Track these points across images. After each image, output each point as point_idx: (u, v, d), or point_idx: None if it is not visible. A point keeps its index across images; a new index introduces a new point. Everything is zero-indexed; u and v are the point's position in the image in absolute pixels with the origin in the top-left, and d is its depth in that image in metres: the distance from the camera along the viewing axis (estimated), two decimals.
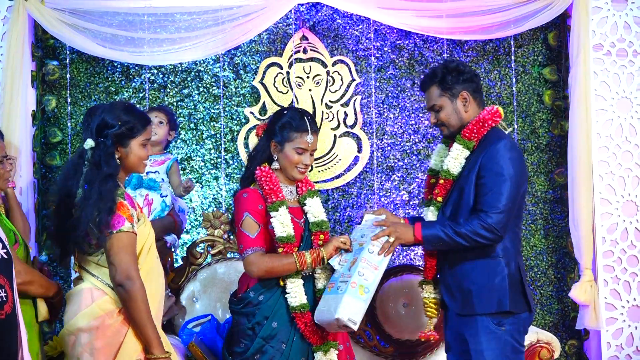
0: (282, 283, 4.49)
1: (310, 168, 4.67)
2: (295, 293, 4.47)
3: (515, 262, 4.52)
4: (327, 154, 6.69)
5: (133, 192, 5.51)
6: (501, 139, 4.52)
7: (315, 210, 4.65)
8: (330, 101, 6.71)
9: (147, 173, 5.54)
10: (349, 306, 4.30)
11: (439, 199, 4.63)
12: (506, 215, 4.41)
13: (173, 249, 5.78)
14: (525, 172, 4.60)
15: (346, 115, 6.71)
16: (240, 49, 6.68)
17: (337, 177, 6.70)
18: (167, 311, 5.49)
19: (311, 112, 6.25)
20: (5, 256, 3.59)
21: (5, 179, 4.84)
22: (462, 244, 4.45)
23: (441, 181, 4.63)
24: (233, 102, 6.71)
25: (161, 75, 6.68)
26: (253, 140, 6.44)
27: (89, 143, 4.15)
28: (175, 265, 6.28)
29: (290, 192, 4.68)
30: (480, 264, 4.50)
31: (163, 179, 5.56)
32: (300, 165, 4.58)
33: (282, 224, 4.48)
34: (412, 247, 6.22)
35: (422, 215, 4.83)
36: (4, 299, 3.53)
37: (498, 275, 4.47)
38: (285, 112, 4.75)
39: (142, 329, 4.07)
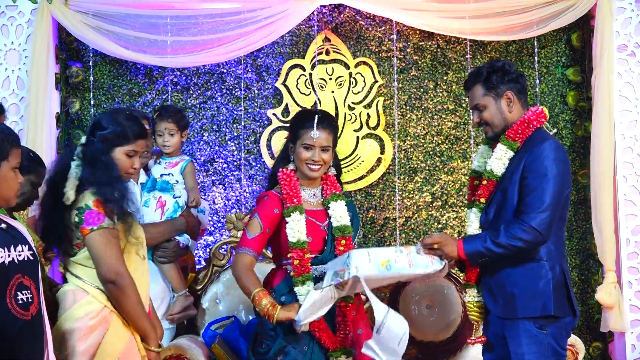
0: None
1: (324, 165, 4.63)
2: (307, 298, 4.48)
3: (559, 265, 4.46)
4: (350, 155, 6.67)
5: (147, 194, 5.50)
6: (546, 139, 4.47)
7: (339, 214, 4.66)
8: (352, 103, 6.70)
9: (161, 175, 5.53)
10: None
11: (482, 200, 4.59)
12: (549, 215, 4.34)
13: (189, 249, 5.76)
14: (569, 173, 4.53)
15: (369, 116, 6.69)
16: (262, 51, 6.69)
17: (360, 178, 6.69)
18: (184, 311, 5.51)
19: (333, 114, 6.26)
20: (31, 258, 3.61)
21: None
22: (504, 254, 4.40)
23: (484, 182, 4.59)
24: (256, 104, 6.71)
25: (184, 77, 6.69)
26: (275, 142, 6.50)
27: (82, 139, 4.20)
28: (198, 267, 6.29)
29: (314, 194, 4.70)
30: (523, 267, 4.45)
31: (177, 181, 5.52)
32: (309, 162, 4.59)
33: (294, 229, 4.53)
34: None
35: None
36: (30, 300, 3.55)
37: (542, 279, 4.42)
38: (297, 113, 4.82)
39: (138, 322, 4.12)
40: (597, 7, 6.18)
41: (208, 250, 6.40)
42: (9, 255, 3.50)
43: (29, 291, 3.54)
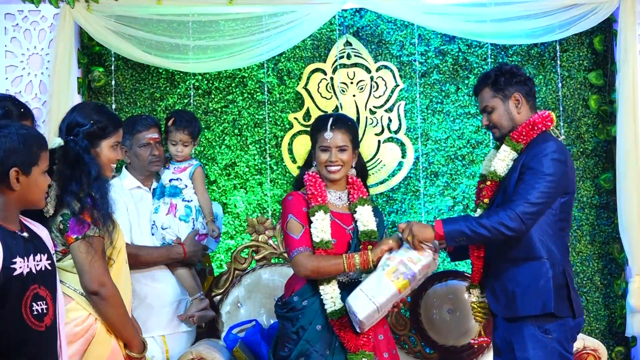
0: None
1: (344, 165, 4.59)
2: (330, 298, 4.50)
3: (561, 266, 4.47)
4: (372, 159, 6.64)
5: (157, 201, 5.46)
6: (548, 141, 4.49)
7: (365, 219, 4.64)
8: (374, 107, 6.66)
9: (170, 180, 5.49)
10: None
11: (486, 200, 4.65)
12: (534, 208, 4.37)
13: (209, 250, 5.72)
14: (570, 176, 4.53)
15: (390, 120, 6.66)
16: (284, 55, 6.66)
17: (381, 182, 6.66)
18: (200, 314, 5.47)
19: (354, 118, 6.21)
20: (49, 267, 3.56)
21: None
22: (485, 236, 4.38)
23: (488, 183, 4.64)
24: (277, 108, 6.67)
25: (205, 82, 6.65)
26: (297, 146, 6.47)
27: (57, 141, 4.05)
28: (220, 270, 6.25)
29: (340, 198, 4.69)
30: (524, 266, 4.47)
31: (186, 185, 5.49)
32: (327, 164, 4.58)
33: (318, 229, 4.54)
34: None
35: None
36: (45, 311, 3.51)
37: (542, 277, 4.44)
38: (316, 118, 4.79)
39: (122, 331, 4.10)
40: (619, 10, 6.13)
41: (229, 253, 6.34)
42: (27, 266, 3.45)
43: (44, 302, 3.51)
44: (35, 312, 3.43)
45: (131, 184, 5.39)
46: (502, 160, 4.57)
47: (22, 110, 4.18)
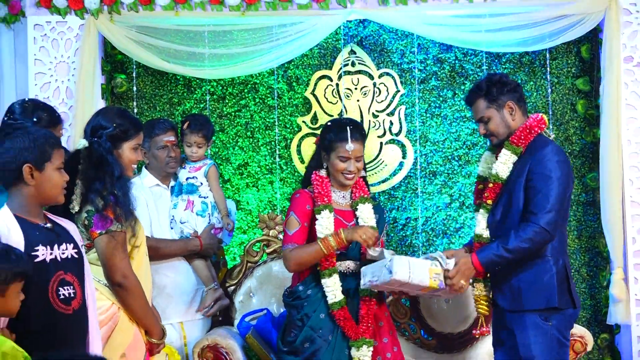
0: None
1: (358, 173, 4.70)
2: (332, 290, 4.57)
3: (562, 260, 4.54)
4: (374, 159, 6.69)
5: (175, 198, 5.57)
6: (548, 144, 4.55)
7: (366, 215, 4.71)
8: (376, 111, 6.72)
9: (187, 179, 5.58)
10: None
11: (489, 202, 4.65)
12: (555, 214, 4.42)
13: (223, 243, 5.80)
14: (571, 174, 4.60)
15: (391, 123, 6.72)
16: (293, 63, 6.70)
17: (383, 181, 6.71)
18: (215, 303, 5.56)
19: (359, 121, 6.27)
20: (76, 256, 3.65)
21: None
22: (515, 259, 4.45)
23: (490, 185, 4.65)
24: (286, 112, 6.73)
25: (220, 87, 6.72)
26: (306, 147, 6.55)
27: (82, 143, 4.14)
28: (234, 263, 6.34)
29: (343, 196, 4.75)
30: (529, 262, 4.51)
31: (202, 183, 5.57)
32: (345, 172, 4.63)
33: (323, 226, 4.59)
34: None
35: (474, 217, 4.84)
36: (72, 295, 3.59)
37: (547, 273, 4.49)
38: (329, 124, 4.83)
39: (143, 319, 4.16)
40: (605, 21, 6.17)
41: (242, 247, 6.43)
42: (50, 253, 3.54)
43: (71, 287, 3.59)
44: (61, 297, 3.53)
45: (151, 182, 5.48)
46: (504, 163, 4.59)
47: (52, 117, 4.27)
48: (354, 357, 4.54)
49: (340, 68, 6.71)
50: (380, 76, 6.72)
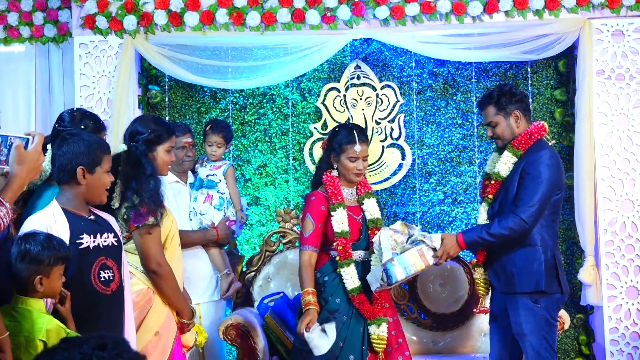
0: (339, 271, 4.60)
1: (364, 171, 4.76)
2: (350, 277, 4.58)
3: (551, 251, 4.63)
4: (377, 161, 6.73)
5: (195, 192, 5.62)
6: (543, 148, 4.62)
7: (372, 209, 4.76)
8: (379, 118, 6.76)
9: (207, 176, 5.63)
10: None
11: (490, 196, 4.76)
12: (536, 209, 4.50)
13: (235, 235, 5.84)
14: (561, 178, 4.68)
15: (392, 129, 6.75)
16: (305, 76, 6.76)
17: (385, 180, 6.75)
18: (229, 288, 5.59)
19: (363, 127, 6.32)
20: (115, 244, 3.74)
21: None
22: (496, 243, 4.58)
23: (492, 182, 4.74)
24: (300, 120, 6.79)
25: (242, 98, 6.78)
26: (317, 151, 6.61)
27: (122, 147, 4.18)
28: (254, 252, 6.43)
29: (351, 193, 4.79)
30: (521, 251, 4.61)
31: (220, 180, 5.60)
32: (355, 171, 4.68)
33: (339, 222, 4.62)
34: None
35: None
36: (111, 278, 3.67)
37: (536, 261, 4.58)
38: (337, 129, 4.85)
39: (174, 302, 4.19)
40: (579, 39, 6.20)
41: (261, 238, 6.50)
42: (94, 241, 3.63)
43: (110, 271, 3.67)
44: (102, 279, 3.61)
45: (170, 179, 5.48)
46: (505, 163, 4.67)
47: (97, 124, 4.31)
48: (372, 333, 4.57)
49: (347, 81, 6.76)
50: (382, 88, 6.76)
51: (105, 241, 3.66)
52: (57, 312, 3.50)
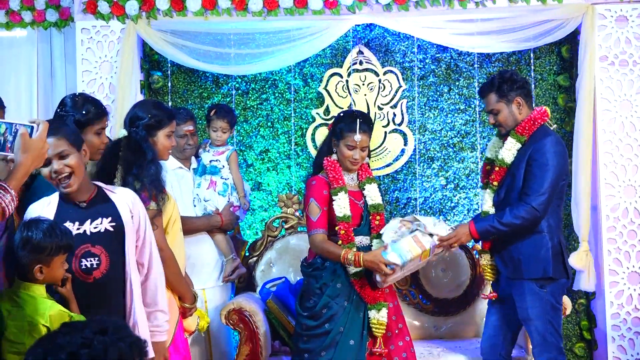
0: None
1: (362, 161, 4.76)
2: None
3: (557, 237, 4.71)
4: (379, 147, 6.72)
5: (199, 177, 5.62)
6: (548, 135, 4.66)
7: (373, 194, 4.77)
8: (381, 104, 6.76)
9: (210, 161, 5.62)
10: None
11: (495, 183, 4.78)
12: (547, 197, 4.55)
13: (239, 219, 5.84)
14: (566, 164, 4.73)
15: (394, 115, 6.75)
16: (308, 62, 6.74)
17: (387, 165, 6.75)
18: (233, 272, 5.60)
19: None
20: (111, 229, 3.60)
21: None
22: (507, 232, 4.62)
23: (496, 168, 4.76)
24: (302, 105, 6.78)
25: (244, 83, 6.77)
26: (319, 136, 6.60)
27: (122, 132, 4.16)
28: (256, 237, 6.44)
29: (352, 178, 4.80)
30: (528, 238, 4.66)
31: (224, 166, 5.60)
32: (350, 159, 4.67)
33: (340, 206, 4.64)
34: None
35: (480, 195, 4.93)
36: (95, 266, 3.54)
37: (543, 248, 4.64)
38: (342, 114, 4.85)
39: (176, 286, 4.17)
40: (582, 24, 6.19)
41: (264, 223, 6.51)
42: (78, 228, 3.53)
43: (96, 258, 3.53)
44: (83, 267, 3.51)
45: (174, 165, 5.48)
46: (509, 150, 4.70)
47: (99, 109, 4.30)
48: (372, 318, 4.59)
49: (350, 66, 6.74)
50: (384, 73, 6.75)
51: (95, 227, 3.56)
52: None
